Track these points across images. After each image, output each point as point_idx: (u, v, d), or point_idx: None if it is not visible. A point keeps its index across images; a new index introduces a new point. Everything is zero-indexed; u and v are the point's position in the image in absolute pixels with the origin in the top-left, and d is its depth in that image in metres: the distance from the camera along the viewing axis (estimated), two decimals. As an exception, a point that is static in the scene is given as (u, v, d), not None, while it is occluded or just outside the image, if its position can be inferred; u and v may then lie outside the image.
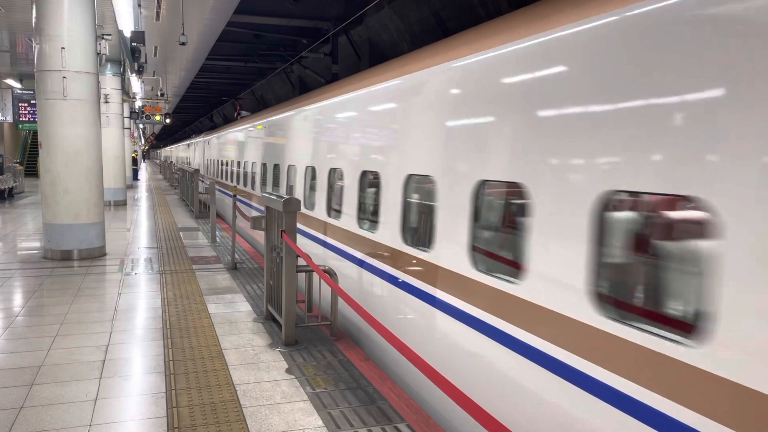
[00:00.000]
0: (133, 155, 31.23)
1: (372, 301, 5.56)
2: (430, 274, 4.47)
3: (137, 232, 12.24)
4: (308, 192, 7.84)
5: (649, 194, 2.65)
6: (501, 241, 3.88)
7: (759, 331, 2.12)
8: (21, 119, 21.46)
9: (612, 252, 2.88)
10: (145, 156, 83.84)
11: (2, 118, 22.52)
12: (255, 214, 10.37)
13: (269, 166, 10.51)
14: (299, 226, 7.82)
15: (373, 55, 15.24)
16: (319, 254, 7.13)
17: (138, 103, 25.29)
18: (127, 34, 12.64)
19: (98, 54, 9.25)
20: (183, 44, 11.16)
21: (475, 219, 3.96)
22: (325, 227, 6.95)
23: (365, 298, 5.71)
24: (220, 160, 18.02)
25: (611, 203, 2.84)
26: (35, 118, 18.79)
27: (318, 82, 18.06)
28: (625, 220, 2.87)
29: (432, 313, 4.44)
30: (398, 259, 5.02)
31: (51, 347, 4.98)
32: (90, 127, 8.87)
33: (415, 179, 4.88)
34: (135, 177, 31.74)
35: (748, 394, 2.14)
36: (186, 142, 37.14)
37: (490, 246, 3.95)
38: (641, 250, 2.80)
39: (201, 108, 43.73)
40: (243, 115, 15.66)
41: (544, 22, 3.37)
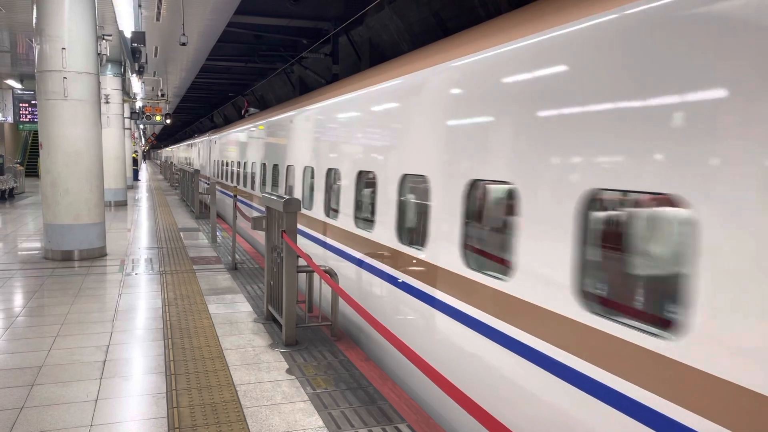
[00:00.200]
0: (134, 156, 31.26)
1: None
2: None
3: (138, 232, 12.24)
4: (352, 200, 6.22)
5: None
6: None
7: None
8: (21, 120, 21.45)
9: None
10: (146, 156, 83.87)
11: (3, 119, 22.50)
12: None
13: (282, 167, 9.52)
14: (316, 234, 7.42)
15: (373, 56, 15.24)
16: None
17: (138, 104, 25.31)
18: (128, 34, 12.65)
19: (99, 54, 9.24)
20: (183, 45, 11.17)
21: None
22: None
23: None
24: (226, 161, 16.68)
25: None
26: (36, 118, 18.83)
27: (318, 83, 18.06)
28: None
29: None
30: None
31: (52, 347, 4.99)
32: (90, 127, 8.88)
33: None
34: (135, 177, 31.76)
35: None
36: (188, 142, 35.48)
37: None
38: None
39: (201, 108, 43.76)
40: (251, 113, 14.02)
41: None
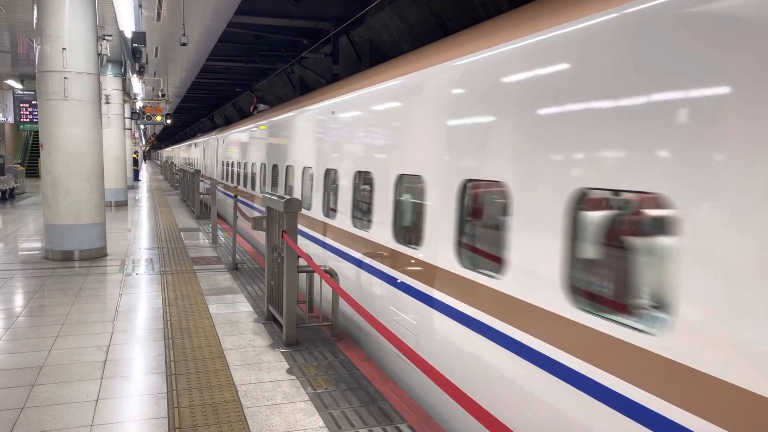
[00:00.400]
0: (134, 156, 31.27)
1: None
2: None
3: (138, 232, 12.25)
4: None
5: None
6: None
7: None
8: (22, 120, 21.46)
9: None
10: (146, 157, 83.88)
11: (3, 119, 22.52)
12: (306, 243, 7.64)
13: (318, 171, 7.44)
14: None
15: (373, 56, 15.25)
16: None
17: (139, 104, 25.33)
18: (128, 34, 12.66)
19: (99, 55, 9.25)
20: (184, 45, 11.18)
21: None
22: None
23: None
24: (236, 162, 14.68)
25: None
26: (36, 118, 18.81)
27: (319, 83, 18.06)
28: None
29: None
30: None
31: (52, 348, 4.99)
32: (91, 127, 8.88)
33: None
34: (136, 178, 31.78)
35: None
36: (190, 142, 33.32)
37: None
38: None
39: (202, 109, 43.78)
40: (261, 109, 12.84)
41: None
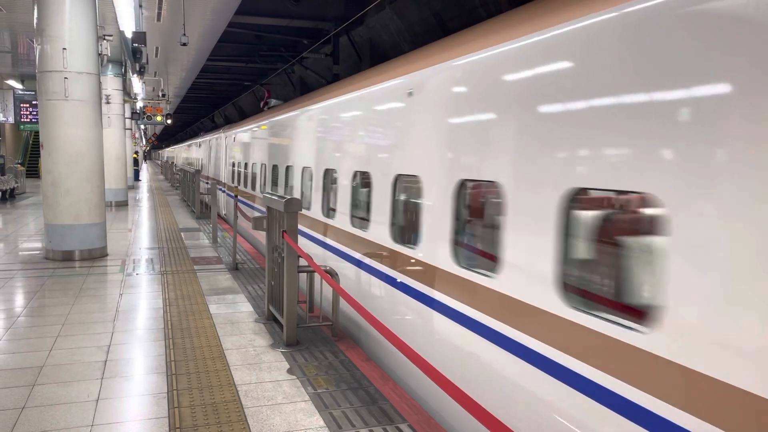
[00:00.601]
0: (135, 156, 31.28)
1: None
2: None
3: (138, 232, 12.25)
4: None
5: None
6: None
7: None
8: (22, 120, 21.47)
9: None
10: (147, 157, 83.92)
11: (4, 119, 22.53)
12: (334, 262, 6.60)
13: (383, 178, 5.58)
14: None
15: (374, 56, 15.25)
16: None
17: (139, 104, 25.35)
18: (129, 34, 12.67)
19: (99, 55, 9.25)
20: (184, 45, 11.18)
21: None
22: None
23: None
24: (250, 164, 12.53)
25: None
26: (36, 118, 18.84)
27: (319, 83, 18.05)
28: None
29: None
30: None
31: (53, 348, 4.99)
32: (91, 127, 8.88)
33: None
34: (136, 178, 31.79)
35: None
36: (193, 141, 30.37)
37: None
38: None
39: (202, 108, 43.79)
40: (272, 105, 11.75)
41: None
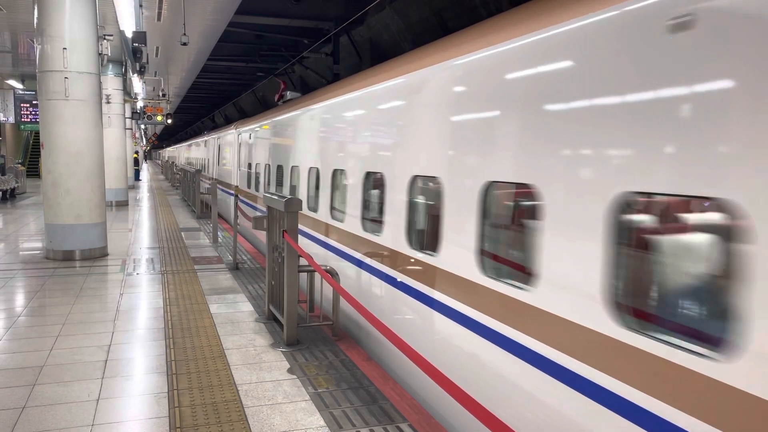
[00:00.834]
0: (135, 156, 31.30)
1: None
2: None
3: (139, 232, 12.25)
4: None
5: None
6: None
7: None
8: (23, 120, 21.51)
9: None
10: (147, 156, 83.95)
11: (4, 119, 22.55)
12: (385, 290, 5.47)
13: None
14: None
15: (374, 55, 15.24)
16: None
17: (139, 104, 25.35)
18: (129, 34, 12.67)
19: (100, 54, 9.25)
20: (184, 45, 11.17)
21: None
22: None
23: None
24: (273, 166, 10.41)
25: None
26: (37, 118, 18.86)
27: (320, 83, 18.04)
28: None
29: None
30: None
31: (53, 347, 4.99)
32: (92, 127, 8.88)
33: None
34: (137, 177, 31.81)
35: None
36: (197, 140, 27.61)
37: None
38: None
39: (202, 108, 43.79)
40: (288, 98, 10.92)
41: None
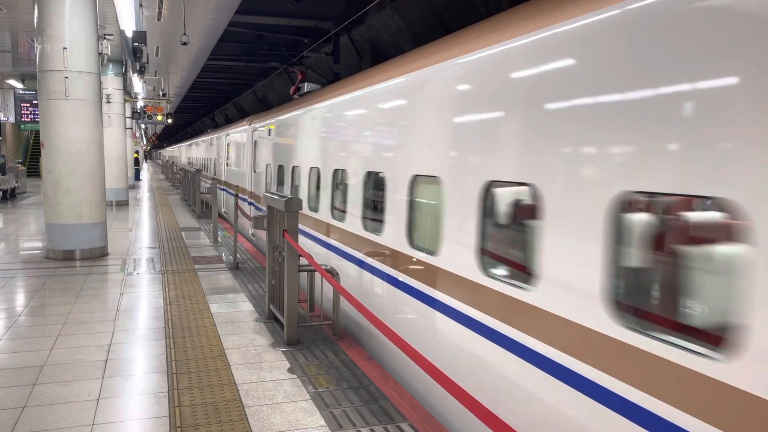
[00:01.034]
0: (135, 155, 31.31)
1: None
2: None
3: (139, 232, 12.25)
4: None
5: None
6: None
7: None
8: (23, 119, 21.51)
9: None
10: (147, 156, 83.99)
11: (4, 119, 22.57)
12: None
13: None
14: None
15: (374, 55, 15.24)
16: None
17: (140, 103, 25.36)
18: (129, 34, 12.68)
19: (100, 54, 9.25)
20: (185, 44, 11.18)
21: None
22: None
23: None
24: (303, 169, 8.33)
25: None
26: (37, 118, 18.85)
27: (320, 83, 18.04)
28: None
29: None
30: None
31: (53, 347, 4.99)
32: (92, 127, 8.88)
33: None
34: (137, 177, 31.82)
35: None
36: (202, 138, 24.98)
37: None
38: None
39: (203, 108, 43.80)
40: (307, 90, 9.93)
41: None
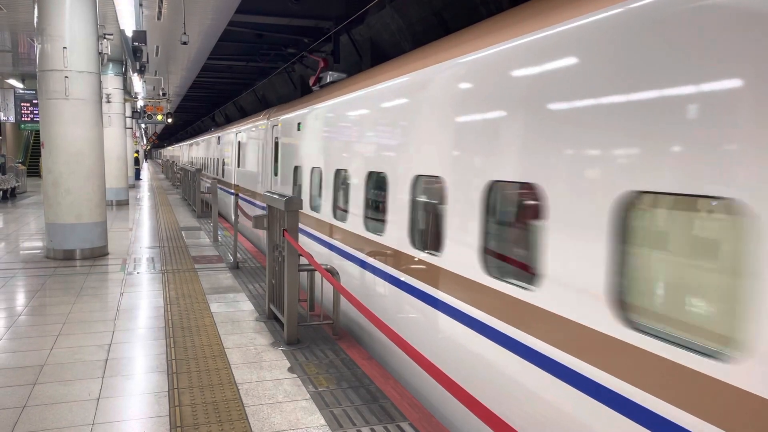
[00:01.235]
0: (135, 155, 31.32)
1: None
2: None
3: (139, 231, 12.25)
4: None
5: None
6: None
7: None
8: (23, 119, 21.50)
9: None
10: (147, 156, 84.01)
11: (4, 118, 22.59)
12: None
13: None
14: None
15: (374, 55, 15.23)
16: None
17: (140, 103, 25.36)
18: (129, 33, 12.68)
19: (100, 53, 9.25)
20: (185, 44, 11.19)
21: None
22: None
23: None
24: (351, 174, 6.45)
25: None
26: (37, 118, 18.84)
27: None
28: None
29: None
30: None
31: (54, 346, 4.99)
32: (92, 126, 8.88)
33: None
34: (137, 177, 31.83)
35: None
36: (207, 136, 23.12)
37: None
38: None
39: (203, 107, 43.80)
40: (332, 80, 8.64)
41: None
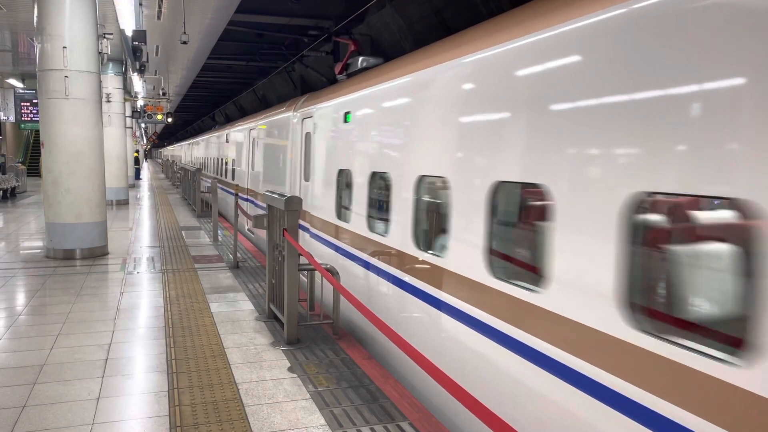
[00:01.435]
0: (135, 155, 31.33)
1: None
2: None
3: (139, 231, 12.25)
4: None
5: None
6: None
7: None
8: (23, 119, 21.49)
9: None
10: (147, 155, 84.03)
11: (4, 118, 22.58)
12: None
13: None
14: None
15: (374, 54, 15.23)
16: None
17: (140, 103, 25.35)
18: (129, 33, 12.67)
19: (100, 53, 9.25)
20: (185, 43, 11.18)
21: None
22: None
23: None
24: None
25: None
26: (37, 117, 18.85)
27: (320, 81, 18.04)
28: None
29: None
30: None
31: (53, 346, 4.99)
32: (92, 126, 8.88)
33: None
34: (137, 176, 31.84)
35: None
36: (212, 135, 21.58)
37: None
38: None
39: (203, 107, 43.80)
40: (361, 66, 7.45)
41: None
